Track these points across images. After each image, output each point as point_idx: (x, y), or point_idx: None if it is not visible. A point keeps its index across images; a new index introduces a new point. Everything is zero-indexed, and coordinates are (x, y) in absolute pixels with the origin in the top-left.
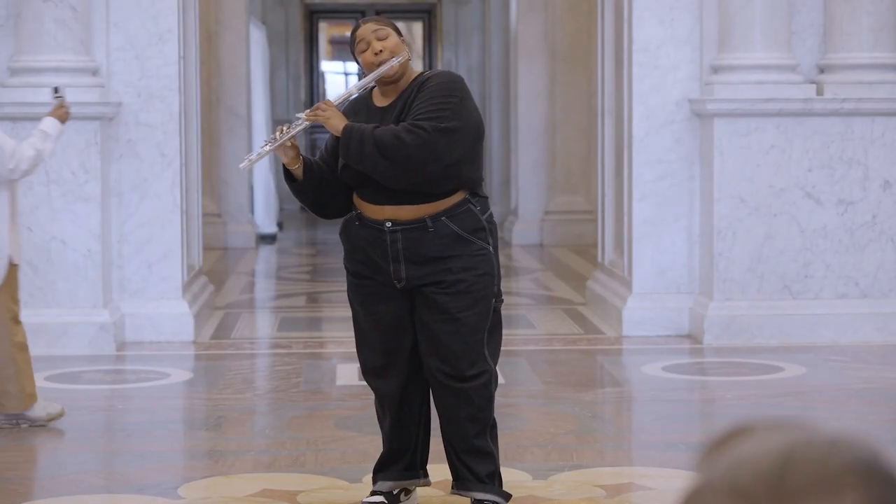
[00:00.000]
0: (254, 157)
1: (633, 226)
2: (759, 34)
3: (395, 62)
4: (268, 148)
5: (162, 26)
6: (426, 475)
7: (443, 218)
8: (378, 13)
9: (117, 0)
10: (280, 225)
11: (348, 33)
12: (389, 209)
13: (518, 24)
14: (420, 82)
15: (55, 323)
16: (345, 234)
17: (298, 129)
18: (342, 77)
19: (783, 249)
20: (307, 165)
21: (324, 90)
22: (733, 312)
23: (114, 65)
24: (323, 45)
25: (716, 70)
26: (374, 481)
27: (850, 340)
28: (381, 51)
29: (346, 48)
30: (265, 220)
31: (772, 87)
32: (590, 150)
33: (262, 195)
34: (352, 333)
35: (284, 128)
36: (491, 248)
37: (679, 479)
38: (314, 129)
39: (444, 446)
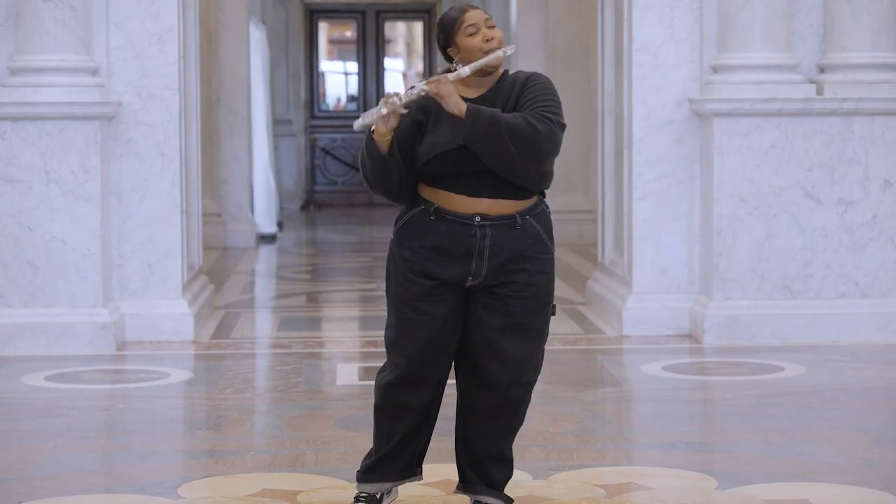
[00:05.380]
0: (368, 119)
1: (633, 225)
2: (759, 34)
3: (502, 52)
4: (385, 110)
5: (162, 26)
6: (421, 472)
7: (528, 216)
8: (378, 13)
9: (117, 0)
10: (280, 225)
11: (348, 33)
12: (486, 202)
13: (518, 24)
14: (523, 78)
15: (55, 323)
16: (411, 230)
17: (415, 98)
18: (342, 77)
19: (783, 249)
20: (391, 141)
21: (324, 90)
22: (733, 312)
23: (114, 64)
24: (323, 45)
25: (716, 70)
26: (365, 481)
27: (850, 340)
28: (491, 39)
29: (346, 48)
30: (265, 220)
31: (772, 86)
32: (590, 150)
33: (262, 195)
34: (351, 333)
35: (400, 94)
36: (553, 253)
37: (679, 479)
38: (313, 128)
39: (462, 449)
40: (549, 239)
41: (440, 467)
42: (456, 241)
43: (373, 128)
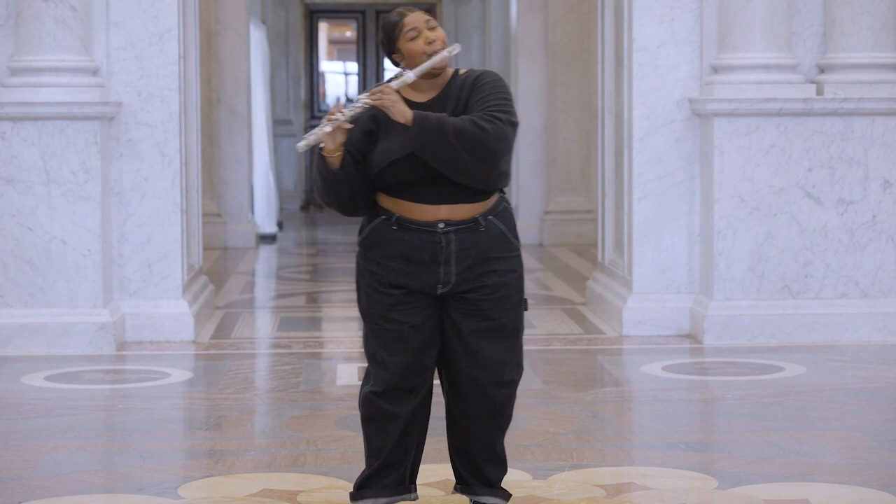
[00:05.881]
0: (312, 138)
1: (633, 225)
2: (759, 34)
3: (447, 52)
4: (328, 129)
5: (162, 26)
6: (415, 490)
7: (490, 217)
8: (379, 13)
9: (117, 0)
10: (280, 225)
11: (348, 33)
12: (445, 209)
13: (518, 24)
14: (473, 78)
15: (55, 323)
16: (375, 240)
17: (359, 112)
18: (342, 77)
19: (783, 249)
20: (342, 155)
21: (324, 90)
22: (733, 312)
23: (114, 65)
24: (323, 45)
25: (716, 70)
26: (358, 498)
27: (850, 340)
28: (434, 41)
29: (346, 48)
30: (265, 220)
31: (772, 86)
32: (590, 150)
33: (262, 195)
34: (351, 333)
35: (343, 109)
36: (520, 250)
37: (679, 479)
38: (313, 128)
39: (457, 453)
40: (513, 236)
41: (439, 467)
42: (421, 249)
43: (322, 146)
